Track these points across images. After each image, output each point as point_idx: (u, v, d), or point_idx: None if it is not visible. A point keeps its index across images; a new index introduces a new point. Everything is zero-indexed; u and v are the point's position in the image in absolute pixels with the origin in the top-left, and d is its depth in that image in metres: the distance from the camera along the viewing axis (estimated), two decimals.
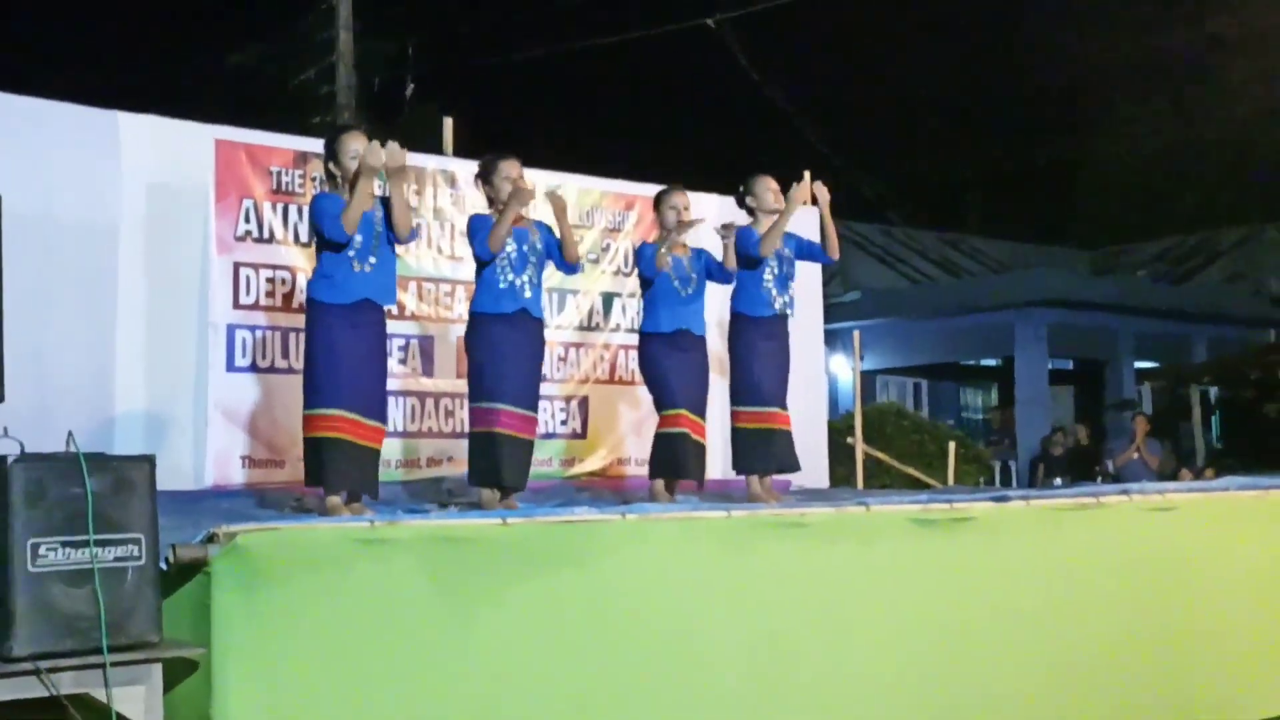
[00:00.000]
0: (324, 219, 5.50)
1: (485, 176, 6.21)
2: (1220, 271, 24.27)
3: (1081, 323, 19.16)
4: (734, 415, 6.80)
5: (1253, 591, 6.09)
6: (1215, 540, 6.01)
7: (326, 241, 5.53)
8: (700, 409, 6.68)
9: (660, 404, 6.63)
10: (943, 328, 19.79)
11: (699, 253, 6.83)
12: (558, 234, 6.20)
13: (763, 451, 6.72)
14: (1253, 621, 6.07)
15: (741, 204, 7.04)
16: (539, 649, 4.18)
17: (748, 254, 6.66)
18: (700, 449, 6.64)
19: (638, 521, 4.51)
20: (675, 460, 6.53)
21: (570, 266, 6.39)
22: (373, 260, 5.60)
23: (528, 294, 6.09)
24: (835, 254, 6.91)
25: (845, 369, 18.02)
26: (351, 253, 5.54)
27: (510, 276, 6.03)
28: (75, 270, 6.87)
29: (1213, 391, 20.35)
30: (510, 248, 6.04)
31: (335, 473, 5.48)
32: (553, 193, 6.37)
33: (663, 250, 6.54)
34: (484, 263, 6.04)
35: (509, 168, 6.13)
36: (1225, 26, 28.70)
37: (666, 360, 6.59)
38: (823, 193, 6.78)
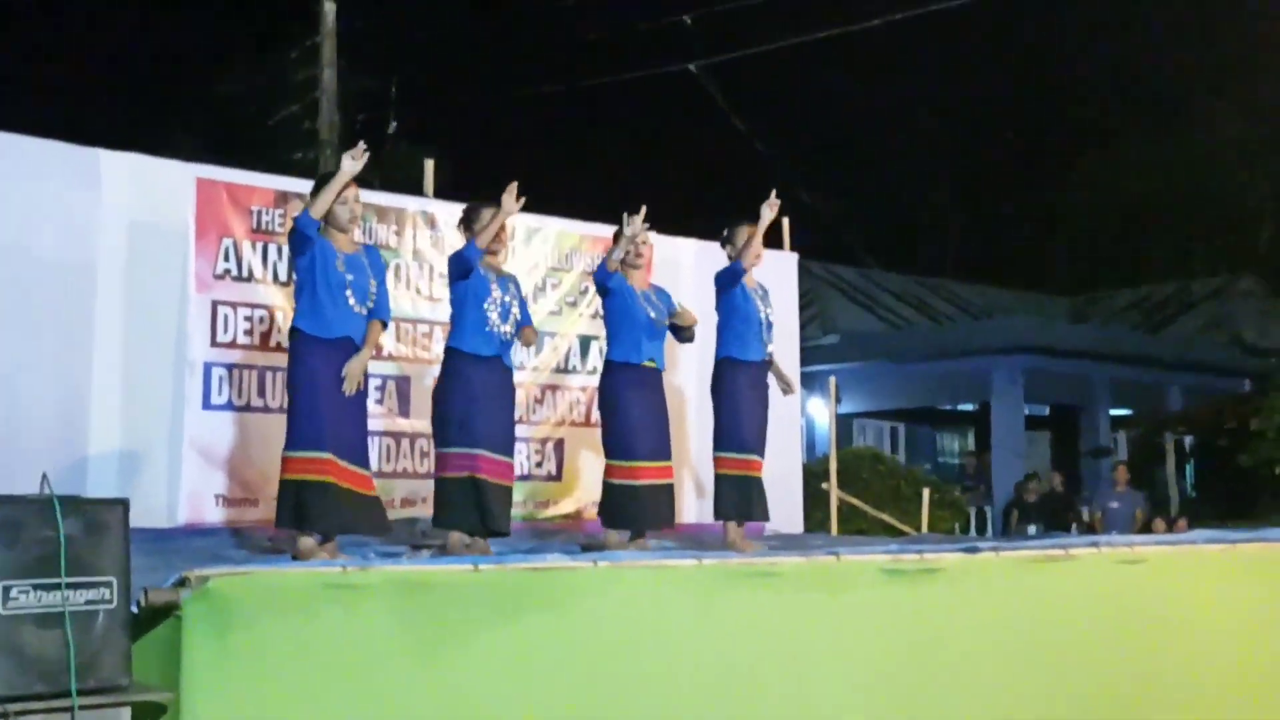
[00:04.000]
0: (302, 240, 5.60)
1: (467, 223, 6.27)
2: (1195, 320, 24.47)
3: (1058, 369, 19.28)
4: (717, 461, 6.75)
5: (1220, 644, 6.12)
6: (1183, 593, 6.04)
7: (311, 277, 5.60)
8: (665, 452, 6.60)
9: (618, 450, 6.51)
10: (920, 372, 19.89)
11: (661, 291, 6.86)
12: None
13: (744, 499, 6.70)
14: (1219, 674, 6.10)
15: (723, 247, 7.08)
16: (509, 697, 4.17)
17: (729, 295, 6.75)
18: (667, 491, 6.57)
19: (609, 569, 4.53)
20: (636, 512, 6.45)
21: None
22: (368, 306, 5.74)
23: (504, 340, 6.15)
24: None
25: (822, 412, 18.07)
26: (348, 291, 5.65)
27: (493, 320, 6.08)
28: (52, 306, 6.88)
29: (1187, 440, 20.47)
30: (496, 293, 6.11)
31: (320, 515, 5.49)
32: None
33: (612, 255, 6.47)
34: (466, 269, 6.03)
35: (490, 216, 6.19)
36: (1205, 76, 29.07)
37: (632, 403, 6.49)
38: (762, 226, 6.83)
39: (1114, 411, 20.56)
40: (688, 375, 8.67)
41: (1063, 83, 31.77)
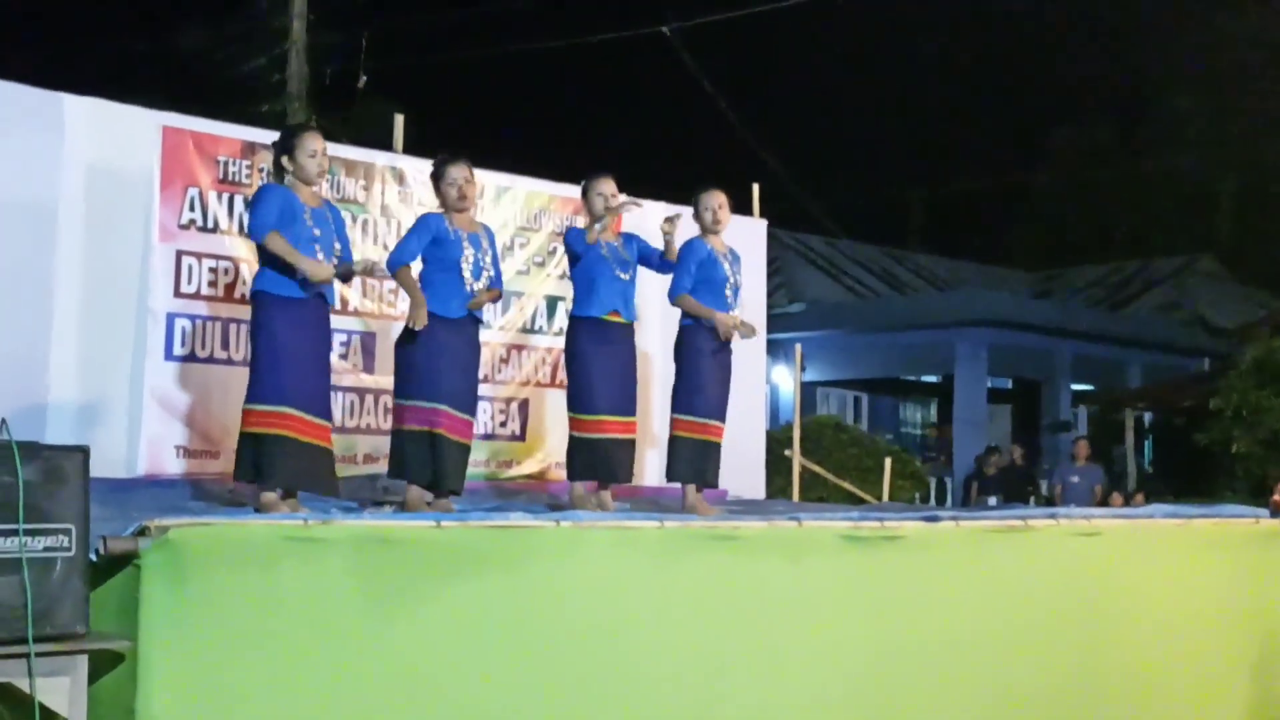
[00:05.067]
0: (262, 210, 5.49)
1: (436, 178, 6.23)
2: (1156, 299, 24.68)
3: (1021, 343, 19.40)
4: (674, 423, 6.75)
5: (1172, 617, 6.20)
6: (1138, 566, 6.11)
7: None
8: (628, 408, 6.62)
9: (580, 404, 6.55)
10: (885, 342, 19.97)
11: (629, 237, 6.84)
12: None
13: (697, 463, 6.69)
14: (1172, 647, 6.18)
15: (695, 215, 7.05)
16: (467, 654, 4.18)
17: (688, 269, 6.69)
18: (627, 447, 6.60)
19: (571, 529, 4.53)
20: (597, 465, 6.51)
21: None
22: (334, 262, 5.67)
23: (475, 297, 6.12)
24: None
25: (787, 380, 18.13)
26: (317, 247, 5.58)
27: (466, 279, 6.05)
28: (11, 253, 6.79)
29: (1146, 417, 20.66)
30: (468, 250, 6.07)
31: (278, 469, 5.45)
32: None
33: (594, 227, 6.50)
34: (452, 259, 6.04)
35: (457, 171, 6.15)
36: (1169, 65, 29.23)
37: (595, 356, 6.50)
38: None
39: (1075, 387, 20.73)
40: (652, 336, 8.65)
41: (1033, 62, 31.86)
